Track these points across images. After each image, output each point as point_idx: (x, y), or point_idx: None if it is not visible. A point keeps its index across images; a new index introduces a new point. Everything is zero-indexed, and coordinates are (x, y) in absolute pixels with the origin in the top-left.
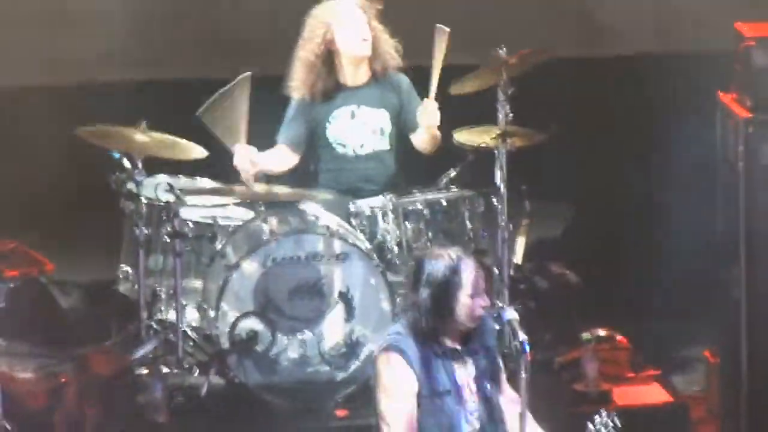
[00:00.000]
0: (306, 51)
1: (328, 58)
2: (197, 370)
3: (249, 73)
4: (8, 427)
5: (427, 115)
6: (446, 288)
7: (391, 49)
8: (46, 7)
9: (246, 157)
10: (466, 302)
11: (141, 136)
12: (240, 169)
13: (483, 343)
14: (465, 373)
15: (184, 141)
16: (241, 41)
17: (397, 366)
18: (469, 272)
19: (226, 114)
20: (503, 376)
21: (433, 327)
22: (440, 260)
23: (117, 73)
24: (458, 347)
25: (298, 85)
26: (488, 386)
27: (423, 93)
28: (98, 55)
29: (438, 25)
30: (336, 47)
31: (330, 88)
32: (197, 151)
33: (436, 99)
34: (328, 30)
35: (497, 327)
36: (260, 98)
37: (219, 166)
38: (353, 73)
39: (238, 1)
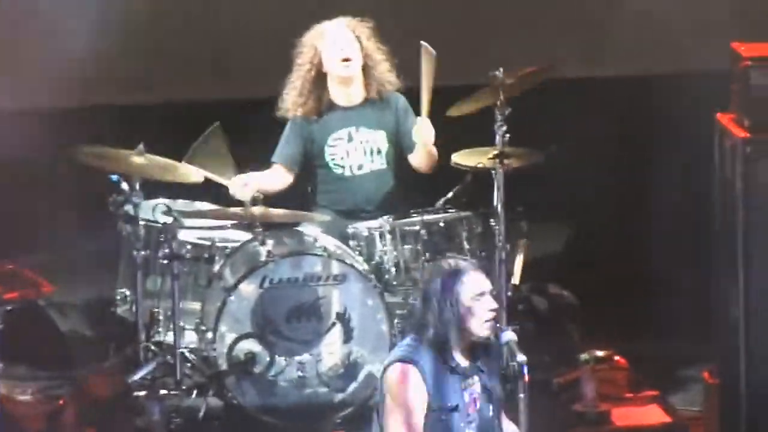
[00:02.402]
0: (297, 75)
1: (319, 80)
2: (195, 392)
3: (217, 123)
4: None
5: (422, 134)
6: (449, 292)
7: (386, 70)
8: (43, 29)
9: (241, 180)
10: (472, 306)
11: (139, 159)
12: (238, 196)
13: (489, 362)
14: (471, 390)
15: (181, 164)
16: (241, 64)
17: (410, 377)
18: (468, 275)
19: (209, 161)
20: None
21: (444, 338)
22: (441, 269)
23: (116, 95)
24: (468, 364)
25: (290, 106)
26: (490, 406)
27: (420, 113)
28: (97, 77)
29: (423, 42)
30: (324, 69)
31: (323, 108)
32: (195, 175)
33: (433, 119)
34: (315, 53)
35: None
36: (257, 120)
37: (217, 190)
38: (345, 93)
39: (236, 24)
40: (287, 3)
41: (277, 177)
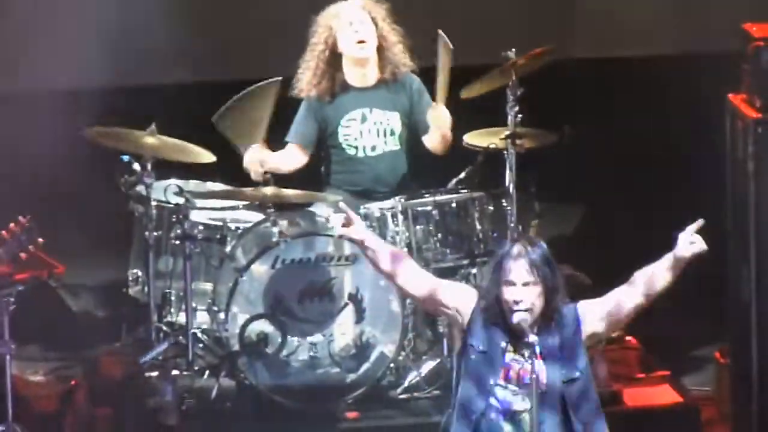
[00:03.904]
0: (312, 55)
1: (334, 60)
2: (207, 373)
3: (279, 78)
4: (19, 430)
5: (437, 120)
6: (493, 269)
7: (401, 51)
8: (60, 12)
9: (256, 157)
10: (504, 289)
11: (151, 139)
12: (250, 169)
13: (563, 339)
14: (518, 359)
15: (192, 146)
16: (253, 44)
17: (468, 290)
18: (508, 261)
19: (246, 116)
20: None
21: (489, 303)
22: (502, 245)
23: (129, 76)
24: (527, 336)
25: (305, 86)
26: (545, 389)
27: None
28: (110, 58)
29: (440, 32)
30: (339, 50)
31: (338, 89)
32: (206, 156)
33: (446, 101)
34: (330, 34)
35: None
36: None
37: (229, 170)
38: (360, 74)
39: (249, 5)
40: None
41: (292, 157)
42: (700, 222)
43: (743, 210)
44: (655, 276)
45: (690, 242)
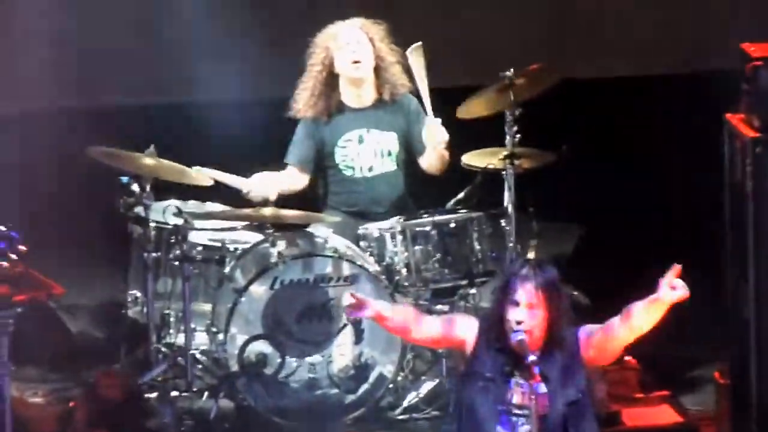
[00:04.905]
0: (309, 76)
1: (331, 80)
2: (206, 394)
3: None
4: None
5: (432, 135)
6: (499, 288)
7: (398, 72)
8: (58, 29)
9: (262, 182)
10: (507, 309)
11: (149, 160)
12: (260, 194)
13: (564, 362)
14: (525, 384)
15: (189, 169)
16: (251, 65)
17: (468, 317)
18: (516, 281)
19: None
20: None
21: (491, 322)
22: (510, 265)
23: (129, 96)
24: (532, 357)
25: (301, 107)
26: (549, 413)
27: (435, 115)
28: (109, 78)
29: (414, 45)
30: (336, 70)
31: (334, 109)
32: (203, 179)
33: (443, 120)
34: (327, 54)
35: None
36: (272, 120)
37: (228, 191)
38: (356, 94)
39: (249, 28)
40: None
41: (293, 178)
42: (676, 268)
43: (742, 229)
44: (638, 313)
45: (671, 288)
